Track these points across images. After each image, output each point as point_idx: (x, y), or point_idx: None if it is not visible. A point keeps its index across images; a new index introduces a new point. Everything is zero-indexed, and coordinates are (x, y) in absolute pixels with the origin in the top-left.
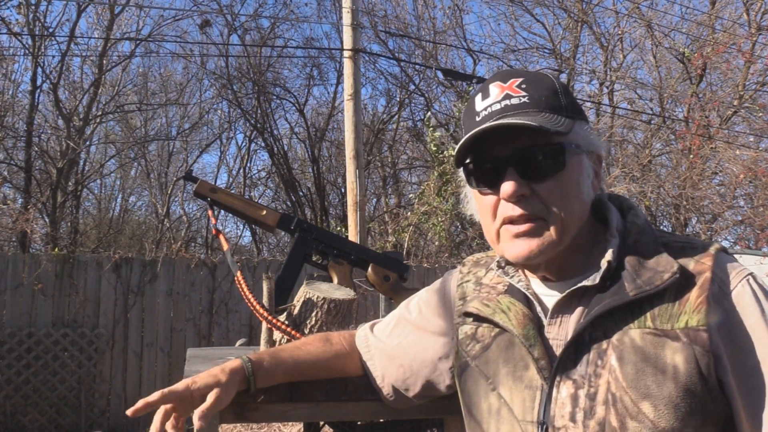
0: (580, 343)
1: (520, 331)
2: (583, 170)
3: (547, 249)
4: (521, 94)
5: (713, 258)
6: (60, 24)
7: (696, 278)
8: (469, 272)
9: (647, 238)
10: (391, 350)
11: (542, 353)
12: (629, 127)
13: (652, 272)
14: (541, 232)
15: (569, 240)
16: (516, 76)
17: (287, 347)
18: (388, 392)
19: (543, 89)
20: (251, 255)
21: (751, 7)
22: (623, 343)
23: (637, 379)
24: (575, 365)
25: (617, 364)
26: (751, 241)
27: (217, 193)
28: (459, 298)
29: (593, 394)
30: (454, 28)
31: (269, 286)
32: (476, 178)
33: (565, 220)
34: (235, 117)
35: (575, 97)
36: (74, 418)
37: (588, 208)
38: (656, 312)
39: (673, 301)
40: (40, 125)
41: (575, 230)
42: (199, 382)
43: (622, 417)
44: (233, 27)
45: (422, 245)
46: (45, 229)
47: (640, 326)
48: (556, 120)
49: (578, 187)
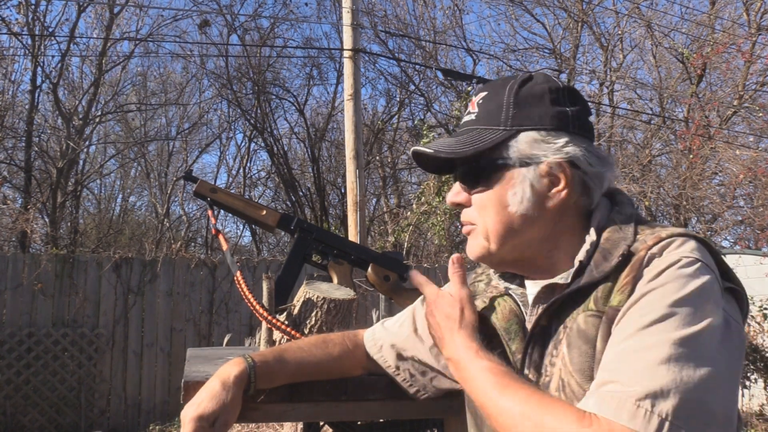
0: (545, 336)
1: (503, 325)
2: (514, 185)
3: (481, 253)
4: (475, 110)
5: (658, 239)
6: (60, 24)
7: (632, 258)
8: (483, 272)
9: (619, 235)
10: (403, 342)
11: (519, 347)
12: (629, 127)
13: (608, 262)
14: (476, 236)
15: (514, 247)
16: (485, 90)
17: (290, 348)
18: (404, 380)
19: (494, 104)
20: (251, 255)
21: (751, 7)
22: (572, 329)
23: (581, 362)
24: (541, 358)
25: (566, 350)
26: (751, 241)
27: (217, 193)
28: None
29: (548, 382)
30: (453, 28)
31: (269, 286)
32: None
33: (491, 230)
34: (235, 117)
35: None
36: (74, 418)
37: (536, 220)
38: (599, 294)
39: (613, 282)
40: (40, 125)
41: (515, 240)
42: (206, 411)
43: (570, 401)
44: (233, 27)
45: (422, 245)
46: (45, 229)
47: (585, 310)
48: (493, 133)
49: (503, 201)
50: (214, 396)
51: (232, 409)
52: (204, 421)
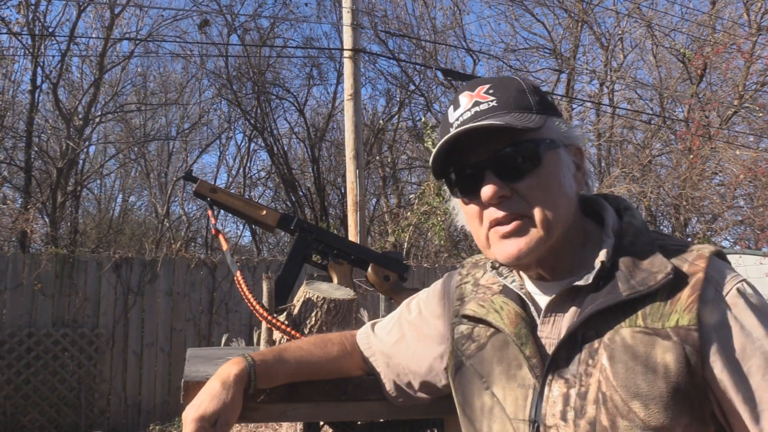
0: (573, 343)
1: (512, 330)
2: (562, 164)
3: (536, 246)
4: (489, 98)
5: (707, 260)
6: (60, 24)
7: (689, 278)
8: (468, 274)
9: (643, 240)
10: (390, 349)
11: (534, 352)
12: (629, 127)
13: (647, 273)
14: (527, 229)
15: (559, 235)
16: (483, 83)
17: (290, 348)
18: (390, 389)
19: (510, 91)
20: (251, 255)
21: (751, 7)
22: (614, 342)
23: (627, 377)
24: (567, 364)
25: (608, 363)
26: (751, 241)
27: (217, 193)
28: (457, 299)
29: (584, 393)
30: (453, 28)
31: (269, 286)
32: (459, 187)
33: (549, 215)
34: (235, 117)
35: (546, 94)
36: (74, 418)
37: (573, 202)
38: (647, 311)
39: (664, 300)
40: (40, 125)
41: (563, 225)
42: (207, 411)
43: (613, 416)
44: (233, 27)
45: (422, 245)
46: (45, 229)
47: (631, 325)
48: (525, 118)
49: (559, 181)
50: (214, 396)
51: (232, 409)
52: (205, 422)
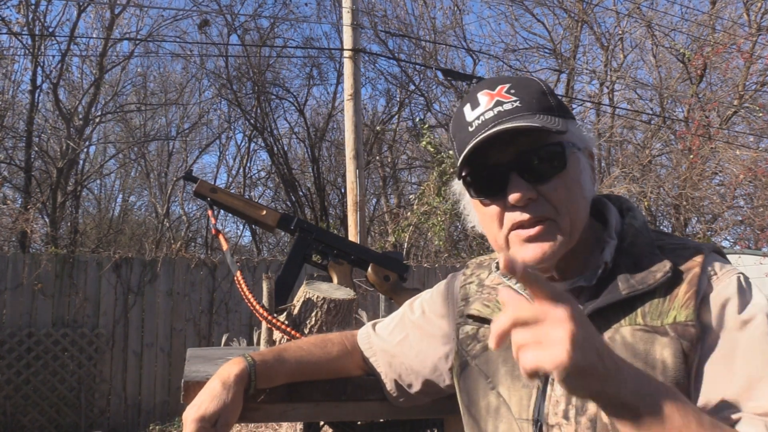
0: None
1: None
2: (583, 168)
3: (559, 249)
4: (512, 99)
5: (704, 256)
6: (60, 24)
7: (684, 275)
8: (472, 274)
9: (643, 240)
10: (393, 349)
11: None
12: (629, 127)
13: (646, 273)
14: (553, 233)
15: (578, 238)
16: (503, 82)
17: (290, 348)
18: (391, 389)
19: (532, 92)
20: (251, 255)
21: (751, 7)
22: (614, 340)
23: None
24: None
25: None
26: (751, 241)
27: (217, 193)
28: (461, 299)
29: None
30: (453, 28)
31: (269, 286)
32: (476, 188)
33: (572, 218)
34: (235, 117)
35: (561, 98)
36: (74, 418)
37: (589, 205)
38: (647, 309)
39: (663, 297)
40: (40, 125)
41: (582, 228)
42: (207, 411)
43: None
44: (233, 27)
45: (422, 245)
46: (45, 229)
47: (631, 323)
48: (551, 120)
49: (580, 184)
50: (215, 396)
51: (233, 409)
52: (206, 422)
